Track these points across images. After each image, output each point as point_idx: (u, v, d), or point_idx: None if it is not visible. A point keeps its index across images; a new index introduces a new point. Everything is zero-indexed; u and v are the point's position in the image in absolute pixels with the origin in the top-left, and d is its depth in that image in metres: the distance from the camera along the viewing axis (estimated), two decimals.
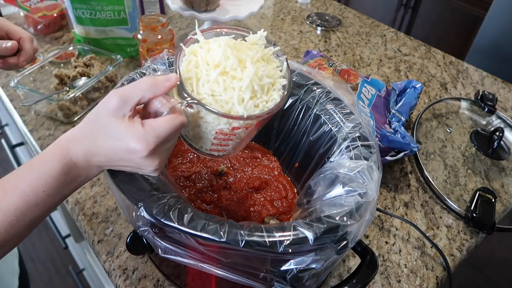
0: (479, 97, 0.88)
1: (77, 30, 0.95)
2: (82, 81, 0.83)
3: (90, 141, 0.38)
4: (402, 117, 0.78)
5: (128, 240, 0.45)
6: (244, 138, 0.47)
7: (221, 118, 0.41)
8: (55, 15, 1.04)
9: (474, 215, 0.65)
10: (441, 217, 0.68)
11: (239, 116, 0.40)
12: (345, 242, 0.40)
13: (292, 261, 0.39)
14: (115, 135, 0.37)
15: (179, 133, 0.40)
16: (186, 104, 0.39)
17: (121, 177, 0.43)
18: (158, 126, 0.37)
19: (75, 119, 0.80)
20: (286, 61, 0.46)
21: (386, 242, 0.63)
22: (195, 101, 0.39)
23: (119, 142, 0.37)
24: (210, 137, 0.44)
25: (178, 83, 0.40)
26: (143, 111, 0.40)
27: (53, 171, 0.38)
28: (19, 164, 1.03)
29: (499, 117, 0.86)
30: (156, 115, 0.39)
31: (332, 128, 0.56)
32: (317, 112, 0.58)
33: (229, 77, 0.41)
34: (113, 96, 0.37)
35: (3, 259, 0.61)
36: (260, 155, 0.67)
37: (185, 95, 0.40)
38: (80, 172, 0.39)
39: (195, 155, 0.65)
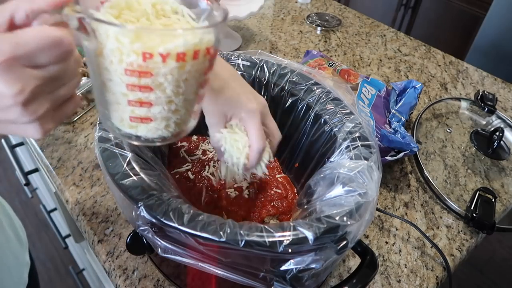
0: (479, 97, 0.88)
1: None
2: (82, 81, 0.83)
3: None
4: (402, 117, 0.78)
5: (128, 240, 0.45)
6: (178, 98, 0.35)
7: (124, 39, 0.30)
8: None
9: (474, 215, 0.65)
10: (441, 217, 0.68)
11: (140, 27, 0.32)
12: (345, 242, 0.40)
13: (291, 261, 0.39)
14: None
15: (58, 56, 0.29)
16: (77, 20, 0.30)
17: (121, 177, 0.43)
18: (22, 31, 0.28)
19: (75, 119, 0.80)
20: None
21: (386, 242, 0.63)
22: (84, 15, 0.30)
23: None
24: (123, 88, 0.33)
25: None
26: None
27: None
28: (19, 164, 1.03)
29: (499, 117, 0.86)
30: None
31: (332, 128, 0.56)
32: (317, 112, 0.58)
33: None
34: None
35: (8, 270, 0.61)
36: None
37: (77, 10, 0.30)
38: None
39: (195, 155, 0.65)
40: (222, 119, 0.48)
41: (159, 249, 0.41)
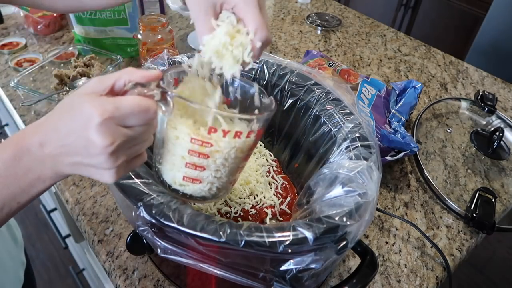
0: (479, 97, 0.87)
1: (77, 30, 0.95)
2: (82, 81, 0.83)
3: (49, 122, 0.35)
4: (402, 117, 0.78)
5: (128, 240, 0.45)
6: (224, 168, 0.41)
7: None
8: (55, 15, 1.04)
9: (474, 215, 0.65)
10: (441, 217, 0.68)
11: (216, 111, 0.37)
12: (344, 242, 0.40)
13: (291, 261, 0.39)
14: (75, 106, 0.34)
15: (144, 121, 0.35)
16: (161, 94, 0.36)
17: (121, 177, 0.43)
18: (121, 98, 0.34)
19: None
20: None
21: (386, 242, 0.63)
22: (169, 91, 0.37)
23: (76, 111, 0.33)
24: (184, 152, 0.40)
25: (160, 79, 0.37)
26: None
27: (6, 154, 0.35)
28: None
29: (499, 117, 0.86)
30: None
31: (332, 128, 0.56)
32: (317, 112, 0.58)
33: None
34: (92, 79, 0.36)
35: (4, 269, 0.61)
36: None
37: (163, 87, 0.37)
38: (32, 163, 0.35)
39: None
40: (211, 11, 0.40)
41: (159, 250, 0.41)
